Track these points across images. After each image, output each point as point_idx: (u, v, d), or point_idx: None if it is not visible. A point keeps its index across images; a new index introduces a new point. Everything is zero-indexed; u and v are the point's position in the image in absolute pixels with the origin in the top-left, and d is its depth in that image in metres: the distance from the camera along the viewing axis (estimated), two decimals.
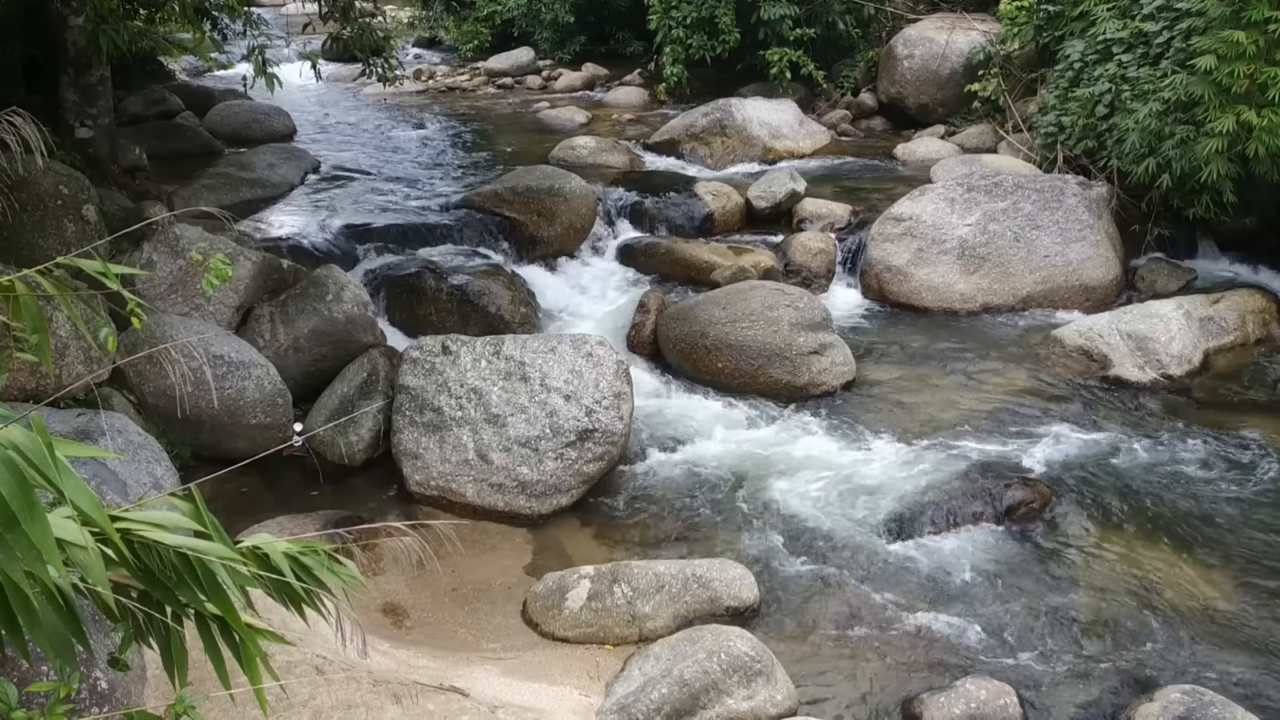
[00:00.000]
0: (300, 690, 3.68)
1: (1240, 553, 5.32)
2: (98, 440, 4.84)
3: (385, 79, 8.54)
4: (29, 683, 2.43)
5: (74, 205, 6.13)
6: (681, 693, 4.10)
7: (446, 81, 17.06)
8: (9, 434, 1.42)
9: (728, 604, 4.81)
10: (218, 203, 8.78)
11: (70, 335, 5.42)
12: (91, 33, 6.70)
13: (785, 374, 6.95)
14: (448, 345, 6.15)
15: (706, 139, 11.99)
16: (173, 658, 1.80)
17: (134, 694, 3.30)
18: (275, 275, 6.94)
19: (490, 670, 4.42)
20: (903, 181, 10.35)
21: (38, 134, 2.21)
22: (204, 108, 12.80)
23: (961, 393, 7.01)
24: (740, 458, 6.22)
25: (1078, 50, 9.81)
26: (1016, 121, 11.26)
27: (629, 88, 15.60)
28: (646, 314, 7.64)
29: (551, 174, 9.38)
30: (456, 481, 5.80)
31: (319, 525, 5.29)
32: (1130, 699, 4.31)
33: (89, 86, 7.93)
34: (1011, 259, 8.42)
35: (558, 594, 4.86)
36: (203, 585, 1.66)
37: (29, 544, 1.40)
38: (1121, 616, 4.87)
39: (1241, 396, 6.98)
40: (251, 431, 5.94)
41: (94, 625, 2.86)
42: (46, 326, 1.93)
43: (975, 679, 4.36)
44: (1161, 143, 8.11)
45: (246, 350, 6.12)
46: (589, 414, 5.83)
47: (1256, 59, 7.36)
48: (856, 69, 14.15)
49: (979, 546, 5.41)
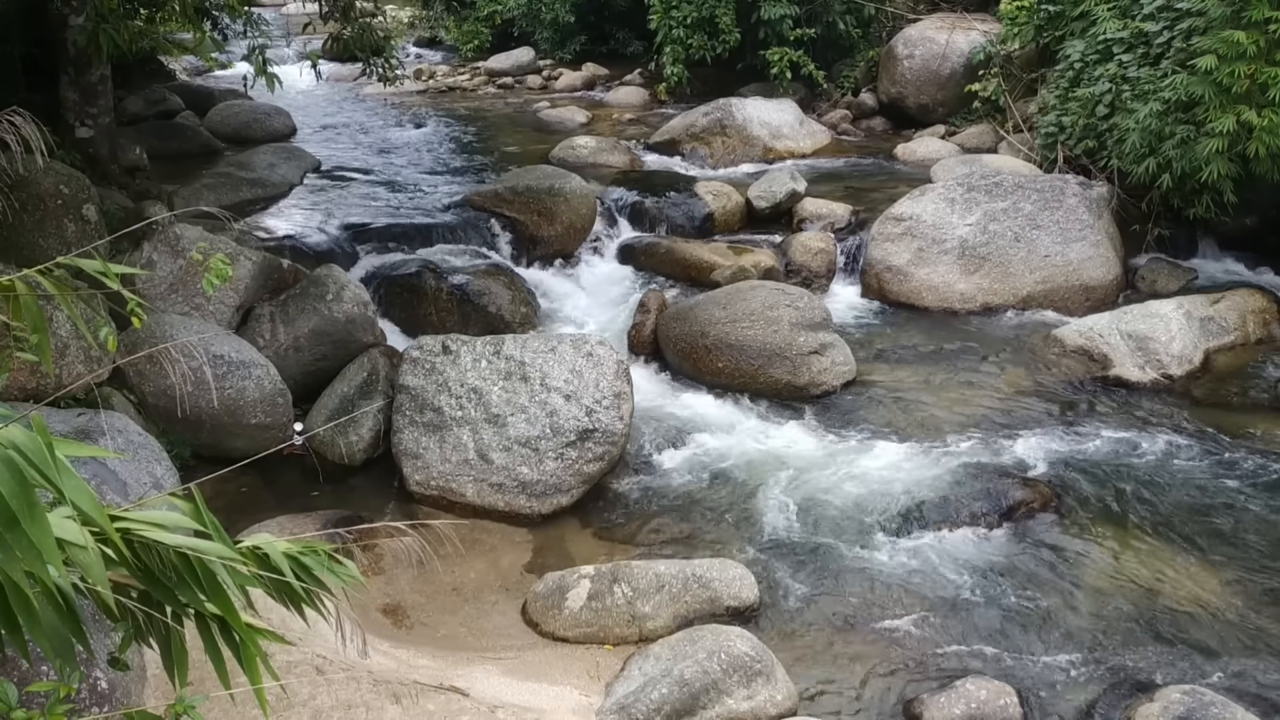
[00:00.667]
0: (300, 690, 3.68)
1: (1240, 553, 5.32)
2: (98, 440, 4.84)
3: (385, 79, 8.54)
4: (29, 682, 2.43)
5: (74, 205, 6.13)
6: (681, 692, 4.09)
7: (447, 81, 17.06)
8: (9, 433, 1.42)
9: (728, 604, 4.81)
10: (218, 202, 8.78)
11: (70, 335, 5.42)
12: (92, 32, 6.69)
13: (785, 374, 6.95)
14: (448, 345, 6.15)
15: (707, 139, 12.00)
16: (173, 657, 1.80)
17: (134, 694, 3.30)
18: (275, 275, 6.94)
19: (490, 670, 4.42)
20: (903, 181, 10.34)
21: (38, 133, 2.20)
22: (204, 107, 12.81)
23: (962, 392, 7.01)
24: (740, 457, 6.22)
25: (1078, 50, 9.81)
26: (1017, 121, 11.26)
27: (629, 87, 15.60)
28: (647, 314, 7.63)
29: (552, 174, 9.38)
30: (457, 481, 5.80)
31: (319, 525, 5.29)
32: (1130, 699, 4.31)
33: (89, 86, 7.92)
34: (1012, 259, 8.42)
35: (558, 594, 4.86)
36: (203, 585, 1.66)
37: (29, 544, 1.40)
38: (1122, 617, 4.87)
39: (1242, 397, 6.97)
40: (252, 431, 5.94)
41: (94, 625, 2.86)
42: (47, 326, 1.93)
43: (975, 679, 4.36)
44: (1162, 143, 8.11)
45: (247, 350, 6.12)
46: (589, 414, 5.83)
47: (1257, 59, 7.36)
48: (857, 69, 14.15)
49: (979, 546, 5.41)
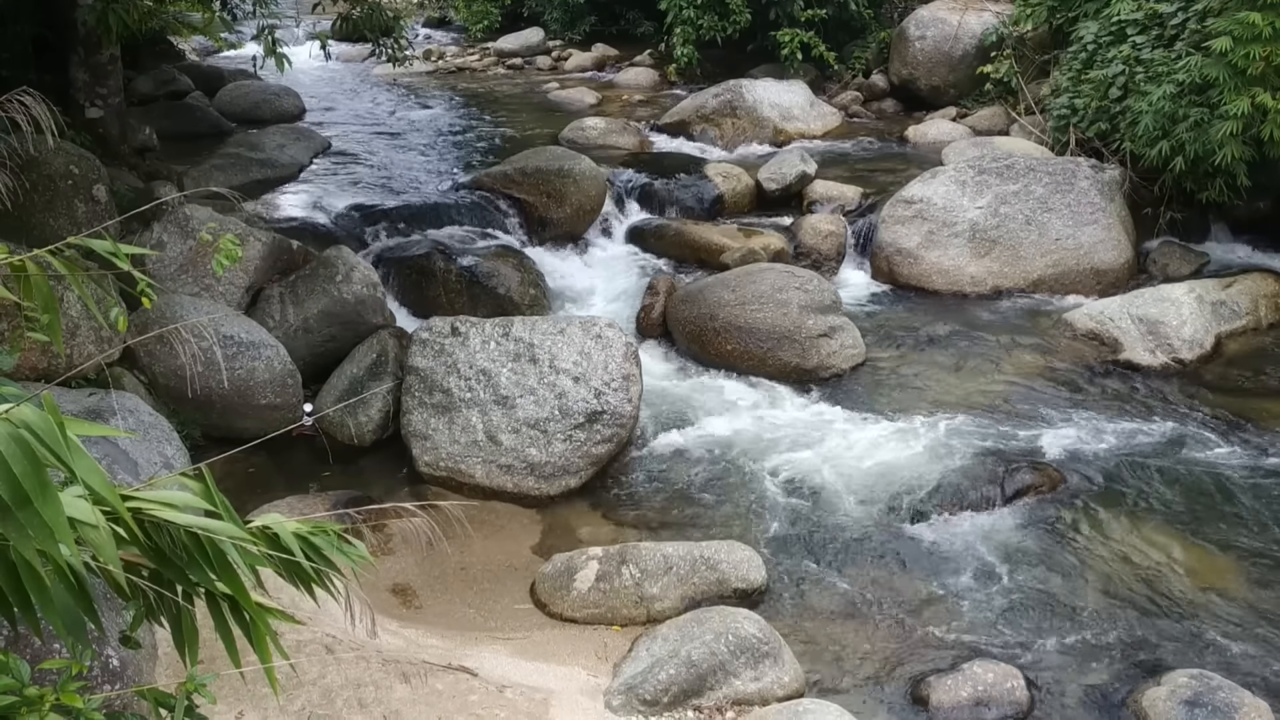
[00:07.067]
0: (310, 669, 3.71)
1: (1249, 537, 5.31)
2: (109, 420, 4.86)
3: (395, 59, 8.52)
4: (42, 660, 2.45)
5: (84, 185, 6.14)
6: (689, 673, 4.11)
7: (456, 62, 17.00)
8: (21, 413, 1.43)
9: (735, 585, 4.82)
10: (227, 183, 8.78)
11: (81, 315, 5.43)
12: (101, 12, 6.69)
13: (794, 356, 6.94)
14: (457, 327, 6.15)
15: (717, 120, 11.94)
16: (183, 636, 1.81)
17: (145, 672, 3.33)
18: (285, 256, 6.94)
19: (498, 650, 4.44)
20: (914, 164, 10.29)
21: (48, 114, 2.21)
22: (214, 88, 12.78)
23: (971, 376, 6.99)
24: (749, 440, 6.22)
25: (1091, 32, 9.73)
26: (1029, 104, 11.18)
27: (639, 68, 15.53)
28: (656, 296, 7.62)
29: (561, 155, 9.35)
30: (465, 462, 5.82)
31: (329, 505, 5.32)
32: (1137, 683, 4.31)
33: (99, 66, 7.92)
34: (1022, 242, 8.38)
35: (566, 575, 4.88)
36: (213, 564, 1.66)
37: (41, 523, 1.41)
38: (1129, 601, 4.87)
39: (1253, 381, 6.95)
40: (261, 412, 5.96)
41: (105, 604, 2.88)
42: (57, 306, 1.93)
43: (982, 661, 4.37)
44: (1175, 125, 8.04)
45: (256, 331, 6.13)
46: (598, 396, 5.83)
47: (1272, 41, 7.29)
48: (868, 50, 14.07)
49: (987, 530, 5.41)
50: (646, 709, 4.05)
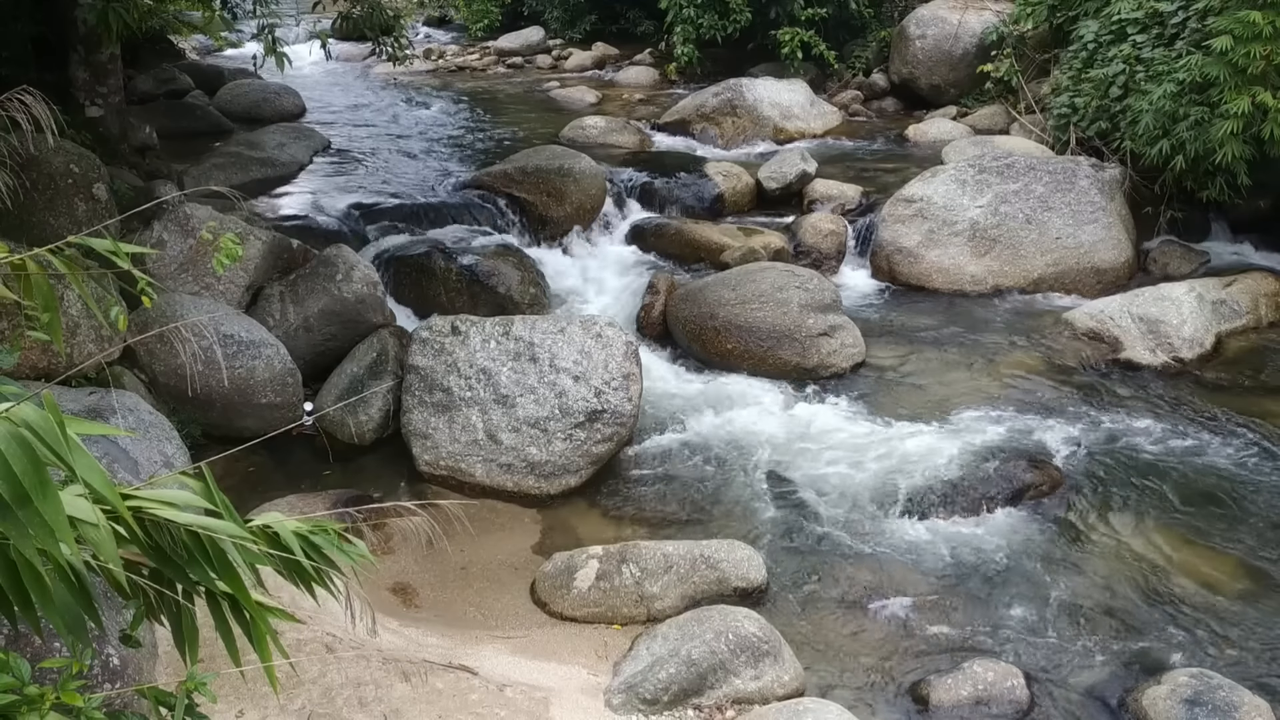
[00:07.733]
0: (310, 668, 3.71)
1: (1250, 536, 5.30)
2: (109, 418, 4.86)
3: (395, 58, 8.52)
4: (42, 658, 2.45)
5: (84, 184, 6.14)
6: (689, 672, 4.11)
7: (456, 61, 17.01)
8: (21, 412, 1.43)
9: (736, 585, 4.82)
10: (227, 182, 8.78)
11: (81, 314, 5.43)
12: (101, 11, 6.68)
13: (795, 355, 6.95)
14: (457, 325, 6.15)
15: (717, 119, 11.95)
16: (184, 635, 1.82)
17: (145, 670, 3.33)
18: (285, 255, 6.94)
19: (499, 649, 4.44)
20: (914, 162, 10.30)
21: (48, 112, 2.21)
22: (214, 87, 12.79)
23: (971, 375, 6.99)
24: (749, 439, 6.22)
25: (1092, 31, 9.73)
26: (1029, 102, 11.18)
27: (639, 67, 15.53)
28: (656, 295, 7.62)
29: (561, 154, 9.35)
30: (466, 461, 5.82)
31: (329, 504, 5.32)
32: (1138, 682, 4.31)
33: (99, 65, 7.92)
34: (1023, 241, 8.38)
35: (566, 574, 4.88)
36: (213, 563, 1.66)
37: (42, 521, 1.41)
38: (1130, 600, 4.87)
39: (1254, 380, 6.94)
40: (262, 410, 5.96)
41: (106, 602, 2.88)
42: (58, 305, 1.93)
43: (983, 661, 4.37)
44: (1175, 124, 8.04)
45: (257, 329, 6.13)
46: (598, 395, 5.83)
47: (1273, 39, 7.29)
48: (868, 49, 14.08)
49: (988, 529, 5.40)
50: (647, 708, 4.06)
